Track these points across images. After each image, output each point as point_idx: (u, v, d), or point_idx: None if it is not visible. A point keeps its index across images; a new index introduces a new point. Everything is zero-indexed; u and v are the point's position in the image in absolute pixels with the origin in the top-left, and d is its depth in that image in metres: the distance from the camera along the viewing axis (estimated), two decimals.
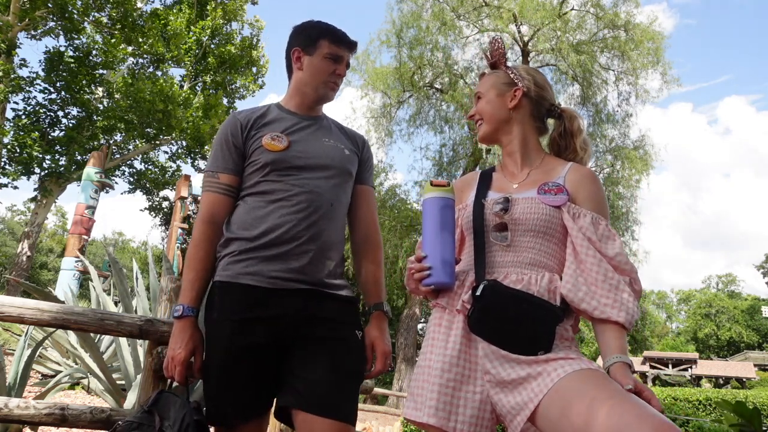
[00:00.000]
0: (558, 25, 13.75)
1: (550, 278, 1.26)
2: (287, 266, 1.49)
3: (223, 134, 1.62)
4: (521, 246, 1.30)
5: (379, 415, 10.33)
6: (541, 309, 1.20)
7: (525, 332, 1.19)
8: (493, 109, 1.45)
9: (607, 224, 1.29)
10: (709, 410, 8.38)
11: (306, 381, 1.42)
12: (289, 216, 1.51)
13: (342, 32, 1.69)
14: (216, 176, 1.60)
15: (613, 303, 1.19)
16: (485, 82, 1.50)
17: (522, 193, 1.35)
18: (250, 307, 1.47)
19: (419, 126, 16.31)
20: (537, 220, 1.29)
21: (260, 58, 20.46)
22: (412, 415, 1.27)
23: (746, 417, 1.44)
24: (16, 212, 41.92)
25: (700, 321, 47.38)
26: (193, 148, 19.01)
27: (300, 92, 1.70)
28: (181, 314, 1.49)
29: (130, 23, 16.52)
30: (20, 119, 16.02)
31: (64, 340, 5.33)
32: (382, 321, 1.64)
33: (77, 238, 13.11)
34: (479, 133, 1.49)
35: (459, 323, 1.29)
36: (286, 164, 1.56)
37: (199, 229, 1.57)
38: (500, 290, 1.22)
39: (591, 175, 1.37)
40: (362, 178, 1.76)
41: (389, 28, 15.17)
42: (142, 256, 35.39)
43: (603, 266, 1.22)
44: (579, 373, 1.09)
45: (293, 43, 1.72)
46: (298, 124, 1.66)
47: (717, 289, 54.91)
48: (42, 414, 1.85)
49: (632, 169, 14.49)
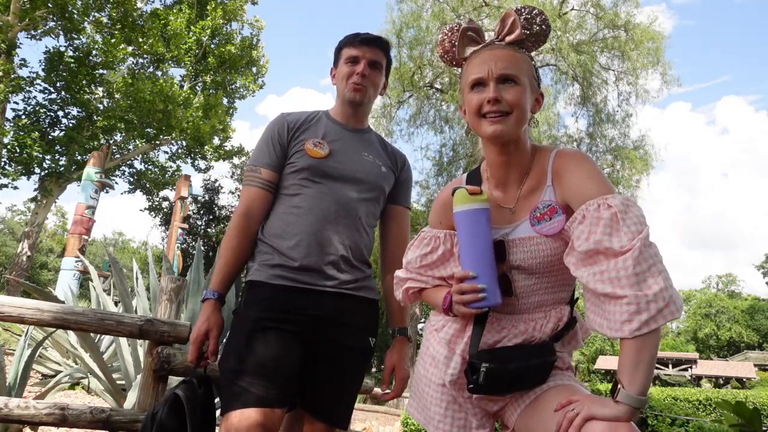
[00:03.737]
0: (558, 25, 13.75)
1: (557, 318, 1.21)
2: (313, 272, 1.55)
3: (270, 132, 1.68)
4: (527, 291, 1.20)
5: (379, 415, 10.32)
6: (539, 367, 1.18)
7: (527, 384, 1.19)
8: (525, 109, 1.16)
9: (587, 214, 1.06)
10: (709, 410, 8.37)
11: (319, 391, 1.55)
12: (315, 225, 1.57)
13: (359, 34, 1.72)
14: (258, 171, 1.64)
15: (600, 321, 1.03)
16: (519, 62, 1.17)
17: (518, 227, 1.19)
18: (280, 303, 1.52)
19: (419, 126, 16.35)
20: (539, 264, 1.17)
21: (260, 58, 20.44)
22: (416, 416, 1.35)
23: (746, 417, 1.44)
24: (16, 212, 41.96)
25: (700, 321, 47.34)
26: (193, 148, 19.00)
27: (338, 103, 1.76)
28: (204, 297, 1.58)
29: (130, 23, 16.52)
30: (20, 119, 16.03)
31: (64, 340, 5.33)
32: (405, 346, 1.69)
33: (77, 238, 13.10)
34: (502, 128, 1.14)
35: (458, 360, 1.24)
36: (322, 172, 1.61)
37: (234, 221, 1.62)
38: (497, 374, 1.13)
39: (571, 163, 1.16)
40: (397, 198, 1.78)
41: (389, 28, 15.21)
42: (142, 256, 35.37)
43: (595, 280, 1.02)
44: (557, 387, 1.16)
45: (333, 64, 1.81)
46: (341, 134, 1.70)
47: (717, 289, 54.89)
48: (42, 414, 1.85)
49: (632, 169, 14.51)
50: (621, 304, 0.97)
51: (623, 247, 0.99)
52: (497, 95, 1.13)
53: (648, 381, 0.97)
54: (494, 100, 1.13)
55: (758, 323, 45.18)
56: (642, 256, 0.98)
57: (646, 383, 0.97)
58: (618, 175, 14.52)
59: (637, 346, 0.96)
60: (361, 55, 1.68)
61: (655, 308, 0.95)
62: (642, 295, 0.95)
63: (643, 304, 0.95)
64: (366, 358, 1.62)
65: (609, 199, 1.05)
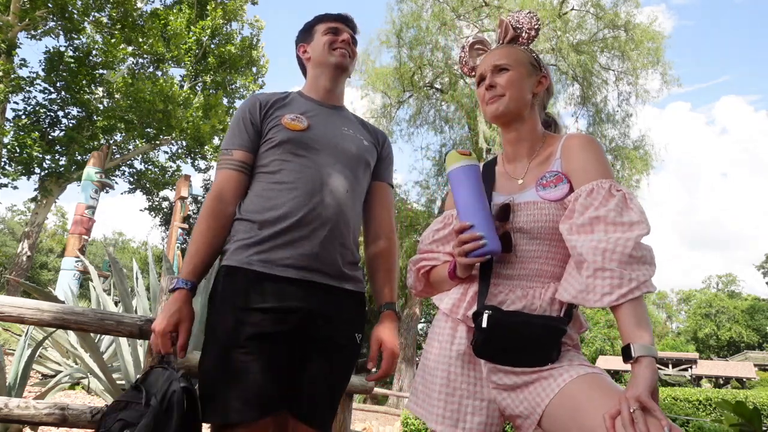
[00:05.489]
0: (558, 25, 13.75)
1: (554, 290, 1.21)
2: (297, 252, 1.43)
3: (241, 112, 1.60)
4: (527, 255, 1.23)
5: (379, 415, 10.32)
6: (545, 329, 1.16)
7: (531, 352, 1.16)
8: (520, 89, 1.32)
9: (593, 191, 1.14)
10: (709, 410, 8.37)
11: (305, 392, 1.44)
12: (302, 199, 1.46)
13: (335, 13, 1.70)
14: (230, 153, 1.56)
15: (586, 288, 1.07)
16: (512, 54, 1.35)
17: (524, 193, 1.27)
18: (258, 297, 1.40)
19: (419, 126, 16.32)
20: (541, 228, 1.21)
21: (260, 58, 20.45)
22: (416, 411, 1.31)
23: (746, 417, 1.44)
24: (16, 212, 41.95)
25: (700, 321, 47.34)
26: (193, 148, 19.01)
27: (315, 77, 1.69)
28: (174, 287, 1.45)
29: (130, 23, 16.53)
30: (20, 119, 16.03)
31: (64, 340, 5.33)
32: (393, 321, 1.60)
33: (77, 238, 13.11)
34: (497, 107, 1.31)
35: (463, 331, 1.27)
36: (302, 145, 1.52)
37: (205, 205, 1.51)
38: (501, 321, 1.15)
39: (582, 141, 1.26)
40: (380, 174, 1.72)
41: (389, 28, 15.18)
42: (142, 256, 35.38)
43: (582, 249, 1.09)
44: (586, 378, 1.09)
45: (297, 42, 1.76)
46: (318, 110, 1.64)
47: (717, 289, 54.88)
48: (42, 414, 1.85)
49: (632, 169, 14.50)
50: (604, 277, 1.04)
51: (633, 222, 1.08)
52: (491, 82, 1.33)
53: (651, 334, 1.03)
54: (489, 86, 1.34)
55: (758, 323, 45.18)
56: (641, 245, 1.07)
57: (651, 335, 1.03)
58: (618, 175, 14.51)
59: (631, 309, 1.03)
60: (343, 28, 1.69)
61: (636, 282, 1.04)
62: (626, 273, 1.04)
63: (625, 280, 1.03)
64: (354, 355, 1.54)
65: (617, 185, 1.15)
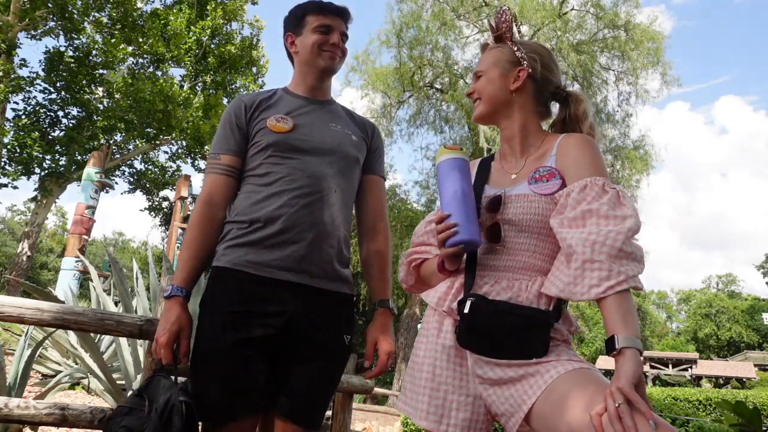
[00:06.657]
0: (558, 25, 13.75)
1: (541, 284, 1.19)
2: (285, 254, 1.44)
3: (227, 115, 1.59)
4: (515, 248, 1.23)
5: (379, 415, 10.32)
6: (529, 320, 1.14)
7: (516, 343, 1.14)
8: (493, 90, 1.34)
9: (585, 188, 1.14)
10: (709, 410, 8.37)
11: (291, 392, 1.44)
12: (290, 201, 1.47)
13: (327, 2, 1.64)
14: (218, 158, 1.56)
15: (574, 280, 1.07)
16: (488, 57, 1.38)
17: (516, 187, 1.27)
18: (246, 300, 1.41)
19: (419, 126, 16.35)
20: (530, 221, 1.21)
21: (260, 58, 20.44)
22: (404, 409, 1.30)
23: (746, 417, 1.44)
24: (16, 212, 41.97)
25: (700, 321, 47.34)
26: (193, 148, 18.99)
27: (302, 74, 1.66)
28: (169, 294, 1.45)
29: (130, 23, 16.52)
30: (20, 119, 16.02)
31: (64, 340, 5.33)
32: (388, 318, 1.59)
33: (77, 238, 13.10)
34: (475, 112, 1.40)
35: (449, 324, 1.26)
36: (289, 146, 1.52)
37: (195, 210, 1.52)
38: (484, 309, 1.15)
39: (578, 140, 1.25)
40: (371, 167, 1.70)
41: (389, 28, 15.21)
42: (142, 256, 35.39)
43: (571, 242, 1.09)
44: (573, 373, 1.07)
45: (285, 29, 1.70)
46: (304, 107, 1.61)
47: (717, 289, 54.89)
48: (42, 414, 1.85)
49: (632, 169, 14.51)
50: (593, 269, 1.04)
51: (625, 216, 1.08)
52: (471, 89, 1.41)
53: (638, 328, 1.02)
54: (468, 94, 1.42)
55: (758, 323, 45.16)
56: (632, 241, 1.06)
57: (638, 329, 1.02)
58: (618, 175, 14.51)
59: (617, 302, 1.02)
60: (335, 26, 1.62)
61: (624, 276, 1.03)
62: (615, 267, 1.03)
63: (614, 273, 1.03)
64: (343, 357, 1.54)
65: (610, 183, 1.16)
